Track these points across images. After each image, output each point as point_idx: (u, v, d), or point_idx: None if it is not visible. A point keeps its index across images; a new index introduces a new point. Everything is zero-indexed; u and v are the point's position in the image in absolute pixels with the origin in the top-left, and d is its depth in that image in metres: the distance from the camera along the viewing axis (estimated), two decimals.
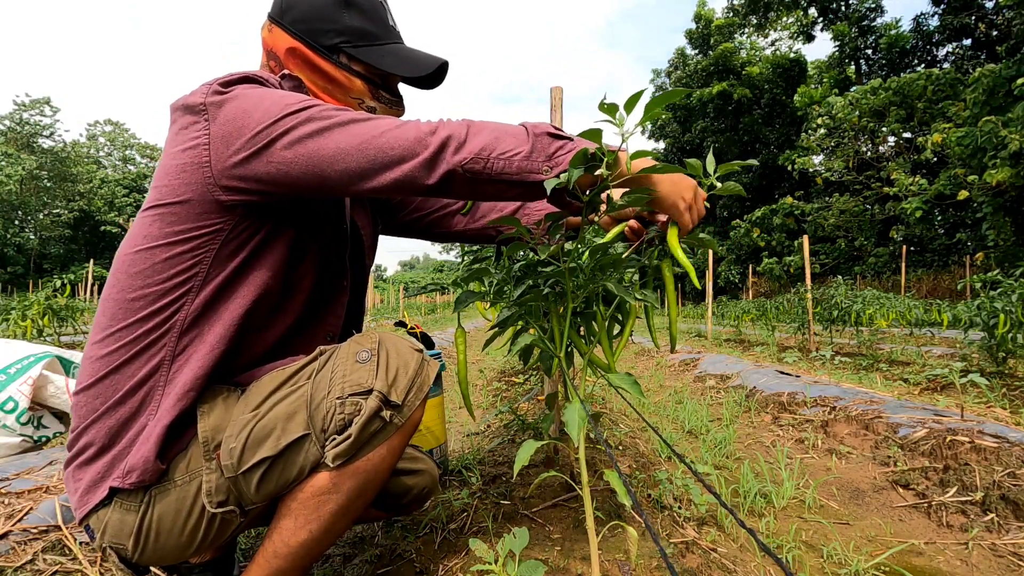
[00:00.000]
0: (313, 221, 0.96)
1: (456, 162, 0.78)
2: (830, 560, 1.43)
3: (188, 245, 0.82)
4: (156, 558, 0.84)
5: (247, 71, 0.88)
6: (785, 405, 3.12)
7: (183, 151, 0.81)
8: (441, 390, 1.79)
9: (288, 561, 0.83)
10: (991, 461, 1.82)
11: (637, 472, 1.73)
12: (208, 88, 0.83)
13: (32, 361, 2.17)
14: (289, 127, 0.77)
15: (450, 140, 0.79)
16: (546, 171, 0.80)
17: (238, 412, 0.83)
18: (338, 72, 0.98)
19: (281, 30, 0.97)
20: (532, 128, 0.82)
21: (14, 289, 30.90)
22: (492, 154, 0.79)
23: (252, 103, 0.79)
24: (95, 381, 0.81)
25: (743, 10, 27.50)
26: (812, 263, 13.21)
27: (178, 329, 0.83)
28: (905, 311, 6.66)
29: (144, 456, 0.79)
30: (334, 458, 0.78)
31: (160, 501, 0.81)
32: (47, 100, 41.84)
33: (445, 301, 31.31)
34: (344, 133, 0.78)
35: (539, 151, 0.80)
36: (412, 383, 0.84)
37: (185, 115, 0.82)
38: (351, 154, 0.77)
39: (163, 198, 0.82)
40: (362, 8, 0.99)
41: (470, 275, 1.04)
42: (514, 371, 4.35)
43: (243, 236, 0.85)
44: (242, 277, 0.87)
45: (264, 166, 0.78)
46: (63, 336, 5.66)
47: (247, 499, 0.82)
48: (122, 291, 0.83)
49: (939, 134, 14.34)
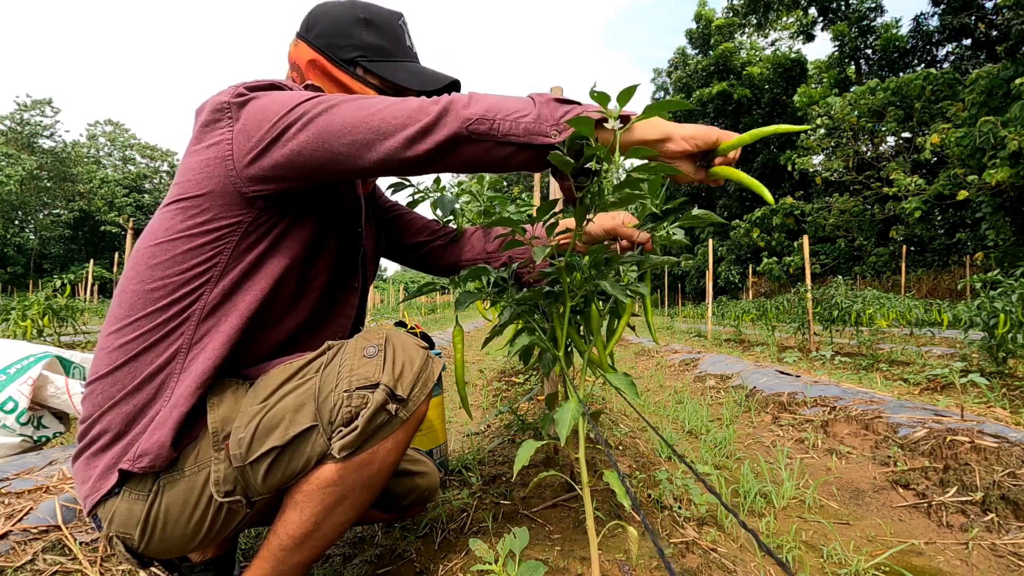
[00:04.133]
0: (330, 220, 0.99)
1: (462, 120, 0.77)
2: (830, 560, 1.43)
3: (209, 237, 0.85)
4: (162, 548, 0.85)
5: (274, 79, 0.92)
6: (785, 405, 3.12)
7: (207, 147, 0.85)
8: (441, 390, 1.79)
9: (292, 554, 0.84)
10: (991, 461, 1.82)
11: (637, 472, 1.73)
12: (234, 89, 0.86)
13: (32, 361, 2.17)
14: (301, 112, 0.81)
15: (453, 104, 0.79)
16: (554, 134, 0.78)
17: (247, 404, 0.85)
18: (354, 83, 1.03)
19: (305, 44, 1.03)
20: (537, 97, 0.82)
21: (14, 289, 30.91)
22: (498, 115, 0.78)
23: (272, 100, 0.83)
24: (113, 369, 0.83)
25: (743, 10, 27.48)
26: (812, 263, 13.20)
27: (196, 318, 0.85)
28: (905, 311, 6.66)
29: (159, 441, 0.80)
30: (340, 449, 0.79)
31: (169, 491, 0.82)
32: (48, 101, 41.89)
33: (445, 301, 31.33)
34: (350, 107, 0.81)
35: (546, 115, 0.79)
36: (417, 378, 0.86)
37: (211, 114, 0.86)
38: (357, 126, 0.80)
39: (186, 192, 0.86)
40: (380, 28, 1.04)
41: (469, 274, 1.04)
42: (514, 371, 4.35)
43: (262, 229, 0.89)
44: (259, 269, 0.90)
45: (279, 150, 0.81)
46: (63, 336, 5.67)
47: (254, 489, 0.83)
48: (141, 282, 0.85)
49: (937, 135, 14.34)
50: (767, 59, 28.56)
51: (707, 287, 9.00)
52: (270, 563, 0.85)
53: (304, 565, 0.87)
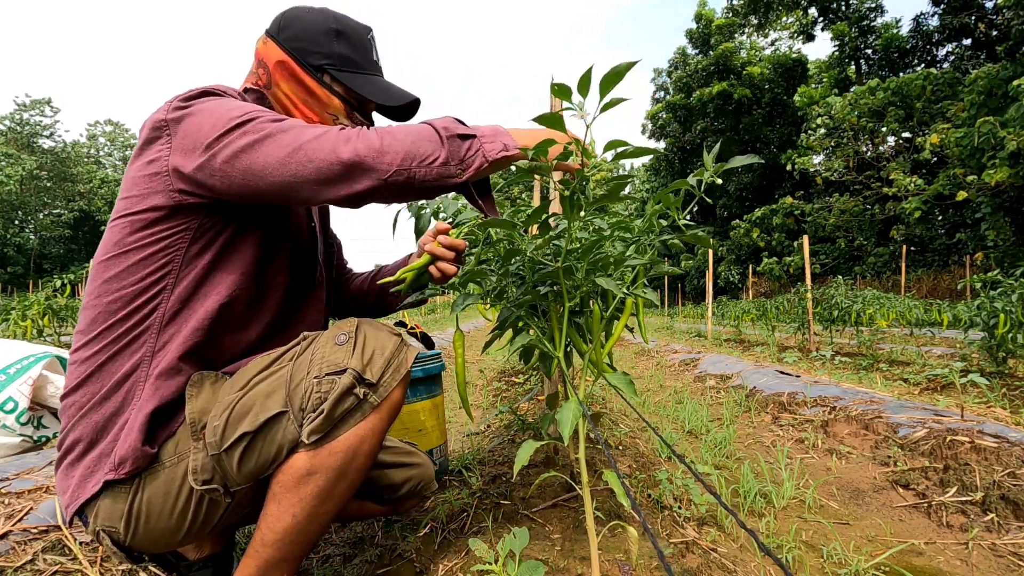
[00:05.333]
0: (280, 219, 1.01)
1: (381, 171, 0.82)
2: (830, 560, 1.43)
3: (158, 246, 0.87)
4: (148, 541, 0.86)
5: (207, 86, 0.94)
6: (785, 405, 3.12)
7: (147, 163, 0.88)
8: (441, 390, 1.79)
9: (277, 549, 0.84)
10: (991, 461, 1.82)
11: (637, 472, 1.73)
12: (169, 105, 0.88)
13: (32, 361, 2.17)
14: (228, 142, 0.82)
15: (367, 154, 0.82)
16: (459, 173, 0.85)
17: (224, 393, 0.87)
18: (320, 89, 1.05)
19: (275, 44, 1.05)
20: (441, 129, 0.86)
21: (14, 289, 30.90)
22: (412, 163, 0.83)
23: (204, 116, 0.85)
24: (81, 382, 0.85)
25: (743, 10, 27.48)
26: (812, 263, 13.21)
27: (157, 326, 0.87)
28: (905, 311, 6.66)
29: (131, 445, 0.81)
30: (309, 434, 0.81)
31: (149, 484, 0.84)
32: (48, 100, 41.89)
33: (445, 301, 31.29)
34: (272, 145, 0.82)
35: (453, 154, 0.85)
36: (388, 364, 0.87)
37: (150, 132, 0.88)
38: (277, 168, 0.82)
39: (131, 207, 0.88)
40: (351, 40, 1.07)
41: (468, 277, 1.04)
42: (514, 371, 4.35)
43: (209, 234, 0.90)
44: (214, 274, 0.91)
45: (210, 177, 0.84)
46: (63, 336, 5.67)
47: (231, 478, 0.84)
48: (99, 296, 0.87)
49: (937, 135, 14.34)
50: (767, 59, 28.56)
51: (707, 287, 9.00)
52: (255, 560, 0.85)
53: (289, 561, 0.86)
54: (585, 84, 0.69)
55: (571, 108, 0.72)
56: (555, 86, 0.71)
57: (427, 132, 0.86)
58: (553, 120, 0.75)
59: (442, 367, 1.77)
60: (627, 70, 0.68)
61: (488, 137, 0.87)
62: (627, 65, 0.68)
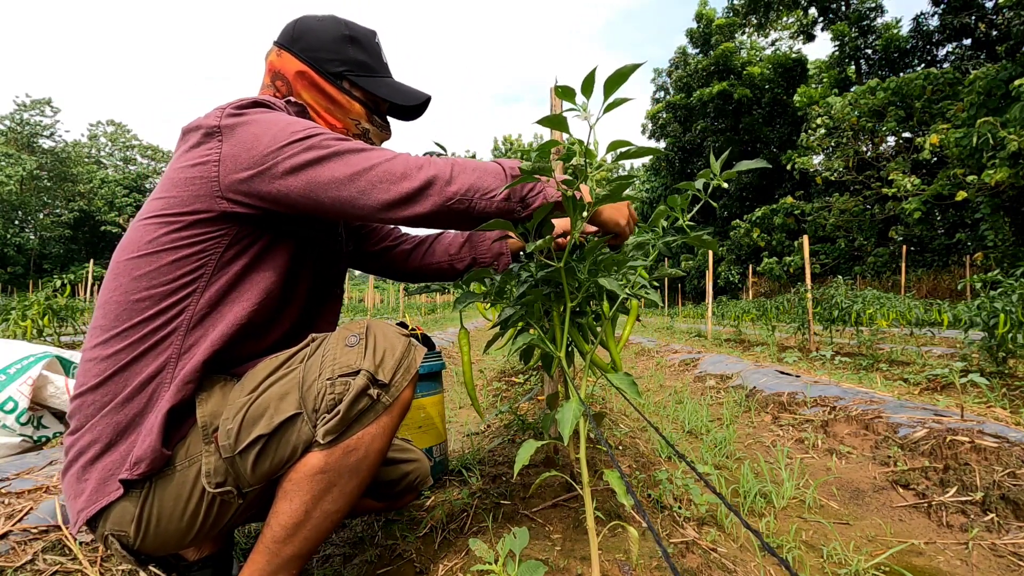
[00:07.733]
0: (311, 232, 1.03)
1: (445, 197, 0.88)
2: (830, 560, 1.43)
3: (193, 249, 0.87)
4: (157, 544, 0.86)
5: (258, 97, 0.96)
6: (785, 405, 3.12)
7: (192, 166, 0.88)
8: (441, 389, 1.79)
9: (287, 546, 0.85)
10: (991, 461, 1.82)
11: (637, 472, 1.73)
12: (222, 112, 0.89)
13: (32, 361, 2.17)
14: (291, 153, 0.85)
15: (437, 179, 0.88)
16: (520, 211, 0.94)
17: (235, 396, 0.87)
18: (341, 96, 1.07)
19: (291, 55, 1.06)
20: (508, 169, 0.94)
21: (14, 289, 30.92)
22: (475, 195, 0.90)
23: (262, 128, 0.87)
24: (102, 381, 0.84)
25: (743, 10, 27.48)
26: (812, 263, 13.21)
27: (184, 328, 0.87)
28: (905, 311, 6.66)
29: (150, 445, 0.81)
30: (324, 435, 0.81)
31: (161, 487, 0.84)
32: (48, 100, 41.88)
33: (445, 301, 31.33)
34: (339, 163, 0.85)
35: (515, 193, 0.93)
36: (399, 364, 0.88)
37: (198, 135, 0.89)
38: (344, 184, 0.85)
39: (170, 207, 0.88)
40: (363, 46, 1.10)
41: (471, 276, 1.04)
42: (514, 371, 4.35)
43: (245, 242, 0.91)
44: (245, 281, 0.92)
45: (266, 186, 0.85)
46: (63, 336, 5.67)
47: (244, 480, 0.84)
48: (125, 293, 0.86)
49: (937, 135, 14.33)
50: (767, 59, 28.55)
51: (707, 287, 9.00)
52: (265, 556, 0.85)
53: (299, 558, 0.87)
54: (589, 86, 0.70)
55: (574, 109, 0.73)
56: (559, 88, 0.72)
57: (494, 168, 0.93)
58: (556, 122, 0.76)
59: (442, 365, 1.77)
60: (631, 72, 0.69)
61: (548, 182, 0.96)
62: (632, 67, 0.68)
